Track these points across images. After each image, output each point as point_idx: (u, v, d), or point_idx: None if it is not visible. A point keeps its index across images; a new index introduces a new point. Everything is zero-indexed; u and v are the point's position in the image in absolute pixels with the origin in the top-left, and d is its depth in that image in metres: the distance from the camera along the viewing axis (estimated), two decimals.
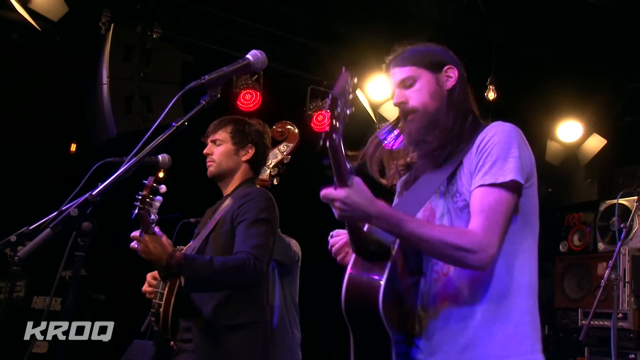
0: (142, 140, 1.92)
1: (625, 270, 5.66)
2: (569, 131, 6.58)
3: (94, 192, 1.79)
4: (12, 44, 5.64)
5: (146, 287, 3.03)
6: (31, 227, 2.03)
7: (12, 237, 1.93)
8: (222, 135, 3.21)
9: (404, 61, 2.13)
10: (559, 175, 6.94)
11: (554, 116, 6.67)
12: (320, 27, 6.13)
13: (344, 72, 1.79)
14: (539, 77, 6.33)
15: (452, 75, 2.11)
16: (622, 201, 5.72)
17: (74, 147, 7.03)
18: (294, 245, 3.96)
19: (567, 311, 6.39)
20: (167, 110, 2.05)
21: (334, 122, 1.74)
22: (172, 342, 3.07)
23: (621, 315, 5.47)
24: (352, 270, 1.93)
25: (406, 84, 2.11)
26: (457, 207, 1.99)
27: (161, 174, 7.14)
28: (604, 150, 6.53)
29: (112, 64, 5.23)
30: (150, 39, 5.52)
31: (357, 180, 1.84)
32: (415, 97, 2.09)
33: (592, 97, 6.57)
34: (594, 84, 6.40)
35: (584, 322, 5.54)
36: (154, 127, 1.96)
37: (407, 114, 2.11)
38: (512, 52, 6.00)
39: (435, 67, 2.11)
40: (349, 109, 1.79)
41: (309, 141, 3.68)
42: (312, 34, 6.22)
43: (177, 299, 2.89)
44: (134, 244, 2.76)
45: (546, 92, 6.52)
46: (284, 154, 3.80)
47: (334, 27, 6.12)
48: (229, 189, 3.21)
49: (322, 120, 6.49)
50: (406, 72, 2.11)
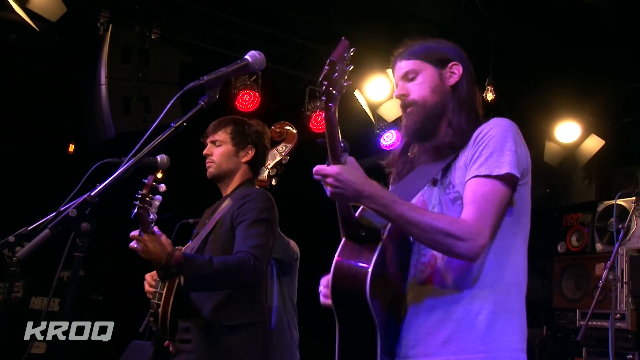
0: (141, 141, 1.92)
1: (623, 270, 5.66)
2: (567, 132, 6.58)
3: (92, 193, 1.79)
4: (11, 44, 5.63)
5: (147, 287, 3.03)
6: (30, 228, 2.03)
7: (11, 238, 1.92)
8: (222, 136, 3.20)
9: (409, 55, 2.13)
10: (557, 175, 6.94)
11: (552, 117, 6.67)
12: (318, 27, 6.13)
13: (342, 41, 1.78)
14: (537, 77, 6.34)
15: (456, 71, 2.10)
16: (620, 202, 5.72)
17: (72, 147, 7.03)
18: (293, 245, 3.96)
19: (565, 311, 6.39)
20: (165, 110, 2.05)
21: (330, 88, 1.72)
22: (167, 343, 3.07)
23: (619, 315, 5.48)
24: (341, 255, 1.91)
25: (408, 77, 2.11)
26: (449, 198, 1.98)
27: (160, 175, 7.15)
28: (602, 151, 6.53)
29: (111, 64, 5.23)
30: (148, 39, 5.52)
31: (351, 158, 1.84)
32: (416, 90, 2.09)
33: (591, 98, 6.57)
34: (592, 84, 6.40)
35: (582, 322, 5.54)
36: (152, 127, 1.95)
37: (406, 107, 2.11)
38: (510, 53, 6.01)
39: (439, 62, 2.11)
40: (346, 81, 1.78)
41: (307, 142, 3.68)
42: (310, 34, 6.22)
43: (175, 299, 2.89)
44: (133, 244, 2.76)
45: (544, 92, 6.52)
46: (283, 154, 3.79)
47: (332, 27, 6.11)
48: (228, 190, 3.20)
49: (320, 120, 6.49)
50: (410, 66, 2.11)
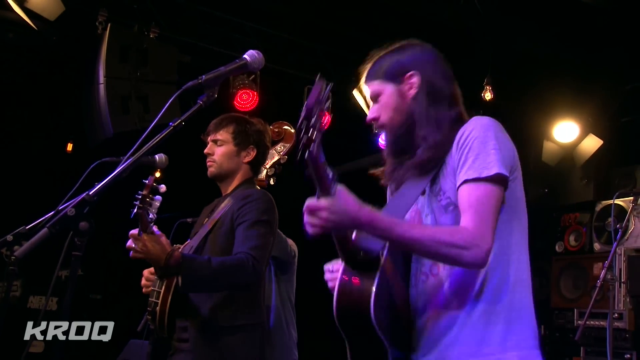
0: (140, 140, 1.92)
1: (621, 270, 5.66)
2: (566, 131, 6.59)
3: (91, 192, 1.79)
4: (9, 43, 5.63)
5: (144, 281, 3.02)
6: (28, 227, 2.03)
7: (9, 237, 1.93)
8: (224, 135, 3.18)
9: (369, 77, 2.11)
10: (555, 175, 6.95)
11: (550, 116, 6.68)
12: (318, 27, 6.14)
13: (317, 81, 1.75)
14: (535, 77, 6.34)
15: (413, 82, 2.05)
16: (618, 202, 5.73)
17: (70, 146, 7.02)
18: (291, 243, 3.96)
19: (563, 311, 6.40)
20: (164, 110, 2.05)
21: (310, 133, 1.71)
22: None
23: (617, 315, 5.48)
24: (343, 279, 1.91)
25: (375, 100, 2.09)
26: (441, 205, 1.97)
27: (158, 174, 7.15)
28: (600, 150, 6.54)
29: (109, 63, 5.23)
30: (147, 38, 5.52)
31: (341, 187, 1.81)
32: (382, 113, 2.07)
33: (589, 98, 6.58)
34: (590, 84, 6.41)
35: (579, 322, 5.55)
36: (151, 126, 1.95)
37: (378, 130, 2.11)
38: (508, 52, 6.01)
39: (396, 77, 2.06)
40: (325, 116, 1.77)
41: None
42: (310, 34, 6.22)
43: (174, 298, 2.88)
44: (130, 243, 2.75)
45: (543, 92, 6.53)
46: (281, 154, 3.79)
47: (330, 27, 6.12)
48: (228, 189, 3.19)
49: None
50: (373, 88, 2.09)
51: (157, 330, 2.95)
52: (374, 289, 1.84)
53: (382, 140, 2.24)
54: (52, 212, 1.99)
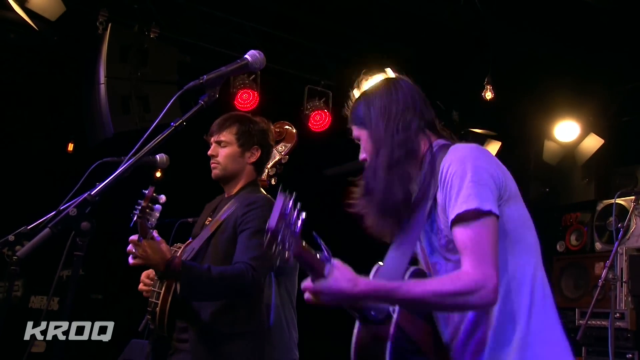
0: (141, 140, 1.92)
1: (622, 269, 5.66)
2: (567, 131, 6.59)
3: (92, 192, 1.79)
4: (10, 43, 5.63)
5: (142, 286, 3.01)
6: (29, 227, 2.03)
7: (11, 237, 1.92)
8: (228, 136, 3.14)
9: (351, 121, 2.19)
10: (557, 174, 6.95)
11: (551, 116, 6.68)
12: (318, 27, 6.13)
13: (278, 197, 1.76)
14: (536, 77, 6.34)
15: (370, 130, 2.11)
16: (620, 201, 5.73)
17: (71, 146, 7.03)
18: None
19: (565, 311, 6.38)
20: (165, 110, 2.05)
21: (281, 248, 1.73)
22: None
23: (618, 314, 5.48)
24: (359, 336, 1.96)
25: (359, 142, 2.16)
26: (442, 244, 1.96)
27: (159, 174, 7.15)
28: (601, 150, 6.54)
29: (110, 63, 5.24)
30: (147, 38, 5.53)
31: (336, 264, 1.84)
32: (367, 155, 2.12)
33: (590, 97, 6.58)
34: (591, 83, 6.41)
35: (581, 321, 5.53)
36: (152, 127, 1.95)
37: None
38: (509, 52, 6.01)
39: (366, 124, 2.13)
40: (299, 222, 1.77)
41: (306, 141, 3.68)
42: (309, 33, 6.22)
43: (174, 298, 2.88)
44: (130, 248, 2.74)
45: (543, 92, 6.53)
46: (282, 154, 3.78)
47: (331, 26, 6.12)
48: (233, 191, 3.16)
49: (319, 120, 6.50)
50: (354, 133, 2.17)
51: (157, 329, 2.94)
52: (388, 345, 1.87)
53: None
54: (54, 212, 1.99)
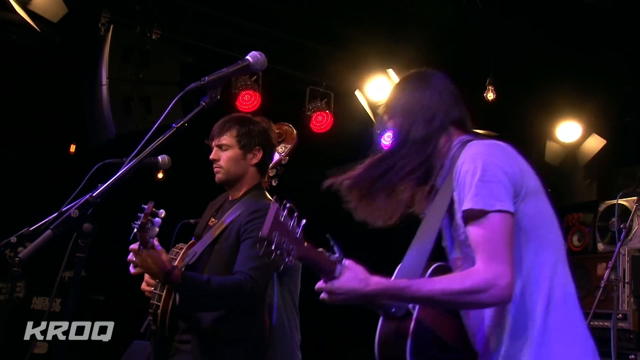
0: (143, 141, 1.92)
1: (624, 270, 5.65)
2: (568, 131, 6.58)
3: (94, 194, 1.79)
4: (12, 45, 5.64)
5: (144, 285, 3.01)
6: (31, 228, 2.03)
7: (13, 239, 1.93)
8: (228, 139, 3.09)
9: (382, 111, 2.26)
10: (558, 175, 6.94)
11: (553, 116, 6.67)
12: (318, 27, 6.13)
13: (272, 205, 1.79)
14: (538, 77, 6.33)
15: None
16: (622, 201, 5.71)
17: (73, 148, 7.04)
18: None
19: None
20: (167, 111, 2.05)
21: (286, 256, 1.77)
22: None
23: (621, 315, 5.47)
24: (382, 331, 1.97)
25: None
26: (461, 240, 1.96)
27: (160, 175, 7.16)
28: (603, 150, 6.54)
29: (112, 65, 5.24)
30: (149, 40, 5.53)
31: (348, 264, 1.85)
32: None
33: (591, 98, 6.57)
34: (593, 84, 6.40)
35: None
36: (154, 128, 1.95)
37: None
38: (511, 53, 6.01)
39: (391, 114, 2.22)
40: (298, 227, 1.82)
41: (307, 142, 3.67)
42: (310, 34, 6.22)
43: (175, 300, 2.88)
44: (131, 257, 2.73)
45: (545, 92, 6.52)
46: (282, 155, 3.77)
47: (332, 27, 6.12)
48: (237, 195, 3.12)
49: (321, 121, 6.50)
50: (384, 121, 2.22)
51: (159, 330, 2.94)
52: (409, 343, 1.87)
53: (385, 140, 2.23)
54: (56, 214, 1.99)
